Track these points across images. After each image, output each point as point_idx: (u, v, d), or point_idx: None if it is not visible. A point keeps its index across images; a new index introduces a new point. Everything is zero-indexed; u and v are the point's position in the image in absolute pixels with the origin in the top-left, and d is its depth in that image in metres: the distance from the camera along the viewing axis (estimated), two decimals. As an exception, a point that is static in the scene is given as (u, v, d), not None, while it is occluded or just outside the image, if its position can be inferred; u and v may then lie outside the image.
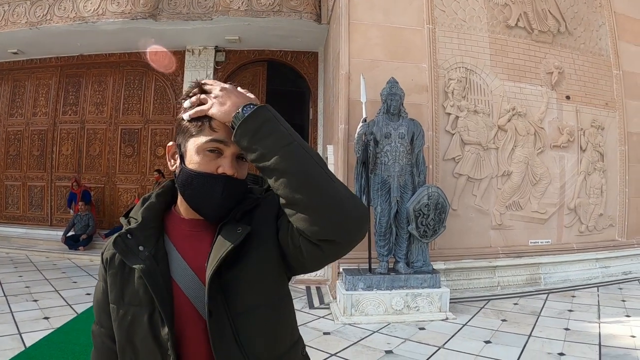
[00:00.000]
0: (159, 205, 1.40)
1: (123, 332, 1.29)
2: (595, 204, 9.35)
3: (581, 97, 9.29)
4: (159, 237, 1.35)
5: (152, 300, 1.25)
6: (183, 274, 1.30)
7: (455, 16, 8.38)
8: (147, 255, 1.29)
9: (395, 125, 6.71)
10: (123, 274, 1.31)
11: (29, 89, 13.60)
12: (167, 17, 10.68)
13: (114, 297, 1.32)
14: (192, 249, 1.34)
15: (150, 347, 1.25)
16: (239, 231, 1.28)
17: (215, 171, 1.28)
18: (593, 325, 6.30)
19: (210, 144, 1.28)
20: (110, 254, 1.36)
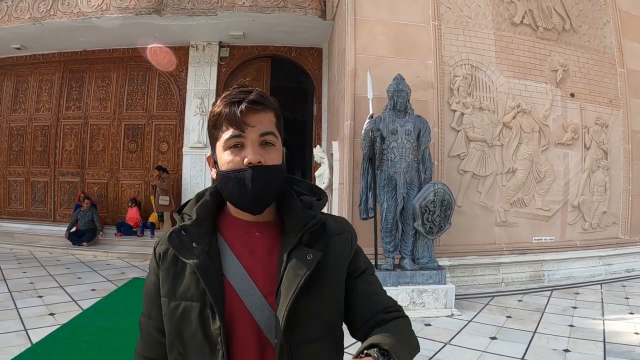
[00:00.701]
0: (213, 203, 1.42)
1: (173, 326, 1.32)
2: (599, 202, 9.35)
3: (585, 94, 9.29)
4: (212, 235, 1.37)
5: (203, 296, 1.28)
6: (235, 273, 1.33)
7: (461, 13, 8.38)
8: (200, 251, 1.31)
9: (401, 121, 6.71)
10: (175, 269, 1.35)
11: (32, 84, 13.59)
12: (171, 12, 10.67)
13: (165, 291, 1.35)
14: (244, 248, 1.37)
15: (199, 341, 1.28)
16: (310, 258, 1.31)
17: (242, 164, 1.30)
18: (597, 322, 6.31)
19: (229, 141, 1.31)
20: (163, 249, 1.39)
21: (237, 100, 1.31)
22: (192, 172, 12.24)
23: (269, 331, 1.28)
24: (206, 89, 12.32)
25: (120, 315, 6.44)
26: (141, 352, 1.46)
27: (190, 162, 12.30)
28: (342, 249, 1.41)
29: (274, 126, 1.35)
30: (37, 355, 4.96)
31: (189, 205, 1.45)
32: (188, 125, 12.34)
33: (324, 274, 1.33)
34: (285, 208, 1.40)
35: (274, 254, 1.35)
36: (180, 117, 12.63)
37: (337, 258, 1.38)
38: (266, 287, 1.31)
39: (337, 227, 1.44)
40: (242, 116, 1.29)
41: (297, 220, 1.36)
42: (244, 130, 1.30)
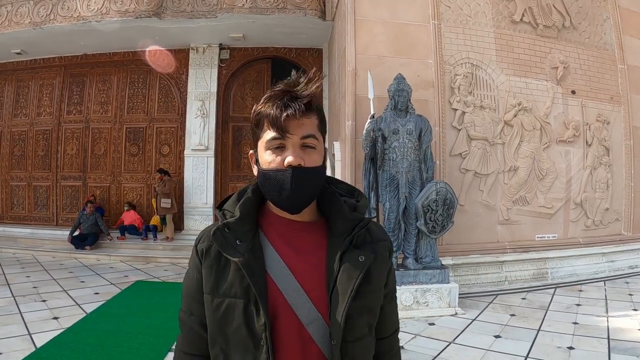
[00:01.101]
0: (254, 200, 1.44)
1: (216, 321, 1.35)
2: (601, 199, 9.35)
3: (586, 91, 9.29)
4: (255, 232, 1.39)
5: (247, 292, 1.31)
6: (278, 270, 1.35)
7: (461, 12, 8.38)
8: (245, 249, 1.33)
9: (403, 121, 6.72)
10: (219, 266, 1.36)
11: (33, 89, 13.61)
12: (171, 15, 10.68)
13: (209, 288, 1.37)
14: (286, 246, 1.39)
15: (243, 337, 1.31)
16: (362, 260, 1.35)
17: (283, 165, 1.32)
18: (601, 319, 6.31)
19: (271, 142, 1.33)
20: (206, 246, 1.40)
21: (282, 104, 1.31)
22: (194, 175, 12.23)
23: (310, 326, 1.32)
24: (207, 91, 12.33)
25: (124, 318, 6.44)
26: (182, 347, 1.48)
27: (192, 164, 12.29)
28: (384, 255, 1.45)
29: (316, 129, 1.37)
30: (41, 359, 4.96)
31: (229, 202, 1.46)
32: (189, 128, 12.34)
33: (371, 277, 1.38)
34: (330, 209, 1.43)
35: (317, 253, 1.39)
36: (181, 119, 12.64)
37: (381, 263, 1.43)
38: (308, 285, 1.34)
39: (380, 233, 1.49)
40: (285, 121, 1.30)
41: (345, 222, 1.39)
42: (285, 134, 1.31)
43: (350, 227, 1.38)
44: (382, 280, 1.43)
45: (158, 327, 6.01)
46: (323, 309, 1.33)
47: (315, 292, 1.34)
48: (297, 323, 1.32)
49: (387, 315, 1.49)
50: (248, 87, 12.79)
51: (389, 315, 1.52)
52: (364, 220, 1.41)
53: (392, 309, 1.54)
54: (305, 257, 1.38)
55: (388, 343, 1.53)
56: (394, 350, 1.56)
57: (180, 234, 12.16)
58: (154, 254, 11.13)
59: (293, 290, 1.33)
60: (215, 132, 12.36)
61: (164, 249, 11.42)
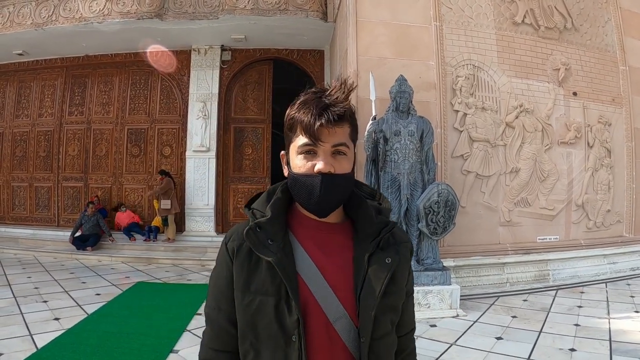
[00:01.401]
0: (284, 200, 1.47)
1: (247, 318, 1.39)
2: (603, 200, 9.34)
3: (588, 93, 9.29)
4: (285, 232, 1.43)
5: (279, 290, 1.35)
6: (307, 269, 1.39)
7: (462, 13, 8.38)
8: (276, 248, 1.37)
9: (404, 122, 6.73)
10: (250, 264, 1.40)
11: (35, 89, 13.60)
12: (173, 16, 10.69)
13: (240, 285, 1.40)
14: (315, 246, 1.43)
15: (274, 333, 1.35)
16: (388, 262, 1.41)
17: (313, 170, 1.35)
18: (603, 321, 6.31)
19: (303, 147, 1.37)
20: (237, 245, 1.44)
21: (316, 112, 1.33)
22: (196, 176, 12.21)
23: (336, 323, 1.37)
24: (208, 93, 12.30)
25: (125, 319, 6.44)
26: (208, 344, 1.50)
27: (194, 165, 12.27)
28: (406, 256, 1.50)
29: (347, 137, 1.39)
30: (42, 360, 4.97)
31: (259, 201, 1.50)
32: (191, 129, 12.33)
33: (396, 278, 1.44)
34: (356, 212, 1.48)
35: (344, 254, 1.43)
36: (183, 120, 12.62)
37: (404, 264, 1.48)
38: (336, 284, 1.39)
39: (402, 235, 1.54)
40: (318, 130, 1.33)
41: (371, 225, 1.44)
42: (318, 141, 1.34)
43: (377, 230, 1.43)
44: (404, 280, 1.49)
45: (159, 329, 6.02)
46: (350, 307, 1.38)
47: (342, 292, 1.38)
48: (325, 320, 1.36)
49: (405, 314, 1.54)
50: (250, 89, 12.76)
51: (407, 314, 1.56)
52: (390, 224, 1.46)
53: (410, 308, 1.59)
54: (333, 257, 1.42)
55: (404, 341, 1.57)
56: (409, 349, 1.61)
57: (182, 235, 12.15)
58: (156, 255, 11.13)
59: (322, 289, 1.37)
60: (217, 134, 12.33)
61: (166, 250, 11.41)
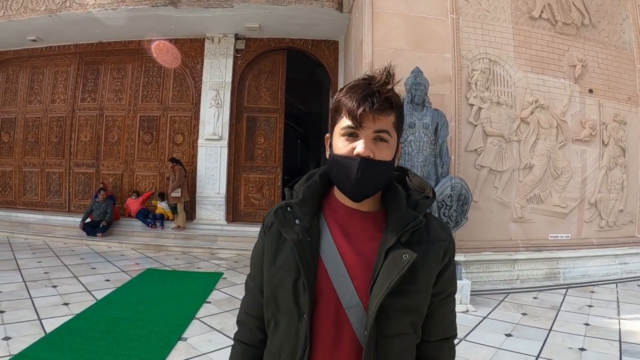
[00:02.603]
0: (321, 184, 1.51)
1: (270, 289, 1.46)
2: (616, 200, 9.27)
3: (604, 90, 9.20)
4: (316, 214, 1.47)
5: (298, 268, 1.39)
6: (329, 253, 1.42)
7: (479, 6, 8.30)
8: (300, 228, 1.42)
9: (419, 115, 6.69)
10: (278, 241, 1.46)
11: (48, 76, 13.69)
12: (187, 4, 10.68)
13: (268, 258, 1.48)
14: (341, 232, 1.45)
15: (290, 307, 1.41)
16: (405, 257, 1.36)
17: (352, 153, 1.36)
18: (613, 321, 6.27)
19: (345, 129, 1.37)
20: (270, 221, 1.51)
21: (362, 97, 1.34)
22: (207, 164, 12.25)
23: (349, 311, 1.38)
24: (222, 81, 12.31)
25: (134, 305, 6.46)
26: (244, 308, 1.61)
27: (206, 154, 12.31)
28: (437, 255, 1.45)
29: (391, 125, 1.39)
30: (51, 344, 4.98)
31: (299, 182, 1.55)
32: (203, 117, 12.35)
33: (418, 276, 1.39)
34: (389, 203, 1.46)
35: (371, 244, 1.43)
36: (195, 109, 12.64)
37: (432, 263, 1.43)
38: (354, 272, 1.39)
39: (441, 232, 1.49)
40: (361, 115, 1.33)
41: (399, 219, 1.41)
42: (360, 125, 1.35)
43: (404, 224, 1.40)
44: (430, 280, 1.44)
45: (168, 316, 6.02)
46: (364, 297, 1.37)
47: (360, 281, 1.38)
48: (338, 305, 1.38)
49: (435, 317, 1.49)
50: (263, 78, 12.75)
51: (437, 319, 1.50)
52: (417, 219, 1.42)
53: (445, 312, 1.53)
54: (358, 246, 1.42)
55: (435, 349, 1.52)
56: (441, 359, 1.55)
57: (192, 223, 12.20)
58: (165, 243, 11.17)
59: (339, 274, 1.39)
60: (229, 122, 12.35)
61: (176, 238, 11.45)
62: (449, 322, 1.55)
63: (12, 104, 13.96)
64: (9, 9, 11.72)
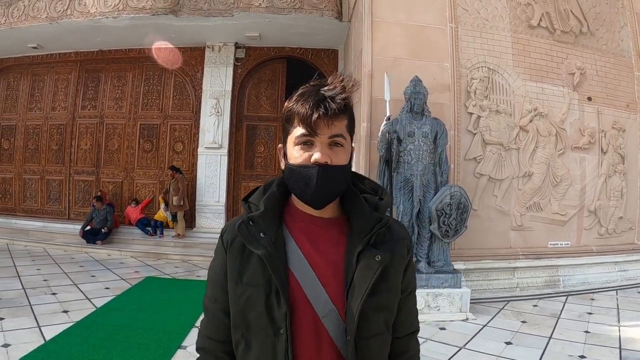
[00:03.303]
0: (279, 195, 1.48)
1: (239, 309, 1.40)
2: (615, 207, 9.27)
3: (603, 98, 9.22)
4: (278, 226, 1.44)
5: (269, 283, 1.36)
6: (298, 263, 1.40)
7: (478, 15, 8.34)
8: (267, 241, 1.38)
9: (418, 124, 6.71)
10: (242, 257, 1.42)
11: (48, 83, 13.70)
12: (187, 13, 10.72)
13: (233, 277, 1.43)
14: (307, 241, 1.43)
15: (264, 325, 1.36)
16: (378, 259, 1.38)
17: (309, 161, 1.35)
18: (613, 328, 6.27)
19: (300, 138, 1.37)
20: (231, 237, 1.45)
21: (313, 103, 1.34)
22: (207, 173, 12.26)
23: (325, 319, 1.37)
24: (222, 90, 12.34)
25: (134, 313, 6.47)
26: (205, 332, 1.53)
27: (205, 162, 12.33)
28: (402, 253, 1.48)
29: (345, 128, 1.40)
30: (50, 352, 5.00)
31: (255, 195, 1.51)
32: (203, 126, 12.36)
33: (388, 275, 1.42)
34: (350, 207, 1.46)
35: (337, 249, 1.43)
36: (195, 117, 12.67)
37: (399, 261, 1.46)
38: (326, 279, 1.39)
39: (401, 231, 1.52)
40: (315, 122, 1.33)
41: (364, 221, 1.42)
42: (315, 132, 1.34)
43: (370, 226, 1.40)
44: (398, 277, 1.47)
45: (168, 324, 6.03)
46: (339, 303, 1.37)
47: (332, 287, 1.38)
48: (314, 315, 1.36)
49: (402, 314, 1.51)
50: (263, 87, 12.79)
51: (405, 314, 1.54)
52: (383, 220, 1.43)
53: (409, 308, 1.56)
54: (325, 253, 1.41)
55: (404, 343, 1.55)
56: (409, 353, 1.57)
57: (192, 231, 12.20)
58: (165, 251, 11.17)
59: (311, 284, 1.37)
60: (229, 131, 12.36)
61: (175, 246, 11.45)
62: (414, 317, 1.59)
63: (13, 111, 13.96)
64: (10, 17, 11.76)
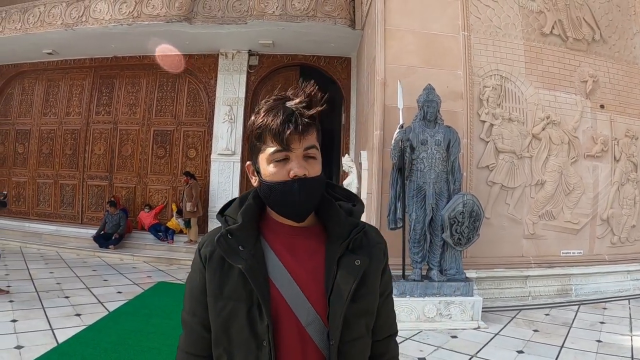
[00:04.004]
0: (256, 207, 1.48)
1: (220, 323, 1.40)
2: (628, 215, 9.22)
3: (615, 106, 9.18)
4: (257, 238, 1.43)
5: (250, 296, 1.36)
6: (279, 274, 1.40)
7: (490, 23, 8.34)
8: (247, 254, 1.38)
9: (431, 132, 6.72)
10: (222, 270, 1.41)
11: (63, 89, 13.85)
12: (201, 20, 10.79)
13: (213, 291, 1.42)
14: (286, 251, 1.43)
15: (246, 338, 1.36)
16: (358, 264, 1.41)
17: (288, 176, 1.36)
18: (625, 338, 6.24)
19: (275, 155, 1.37)
20: (209, 251, 1.44)
21: (285, 119, 1.34)
22: (220, 179, 12.31)
23: (309, 327, 1.38)
24: (235, 97, 12.39)
25: (146, 318, 6.53)
26: (184, 348, 1.53)
27: (218, 168, 12.38)
28: (379, 257, 1.50)
29: (315, 140, 1.40)
30: (62, 354, 5.07)
31: (231, 207, 1.51)
32: (217, 132, 12.42)
33: (367, 280, 1.43)
34: (326, 215, 1.47)
35: (315, 257, 1.43)
36: (209, 124, 12.74)
37: (377, 266, 1.48)
38: (307, 288, 1.39)
39: (377, 236, 1.53)
40: (289, 137, 1.34)
41: (341, 227, 1.43)
42: (289, 148, 1.35)
43: (347, 232, 1.43)
44: (377, 281, 1.49)
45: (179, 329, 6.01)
46: (321, 311, 1.38)
47: (314, 295, 1.39)
48: (297, 324, 1.37)
49: (381, 317, 1.53)
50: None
51: (384, 317, 1.55)
52: (359, 225, 1.46)
53: (387, 311, 1.58)
54: (305, 262, 1.42)
55: (384, 346, 1.57)
56: (388, 355, 1.59)
57: (204, 237, 12.19)
58: (177, 256, 11.21)
59: (293, 294, 1.38)
60: (242, 138, 12.36)
61: (187, 252, 11.46)
62: (392, 320, 1.61)
63: (28, 116, 14.13)
64: (26, 22, 11.91)
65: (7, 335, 5.52)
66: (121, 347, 5.33)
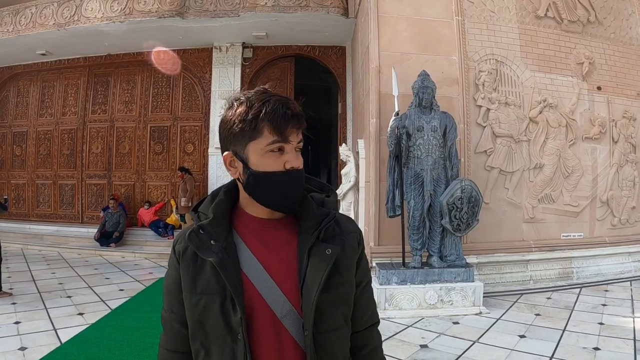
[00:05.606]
0: (227, 202, 1.49)
1: (195, 318, 1.40)
2: (628, 197, 9.21)
3: (612, 87, 9.15)
4: (228, 232, 1.45)
5: (223, 290, 1.37)
6: (251, 266, 1.41)
7: (484, 7, 8.30)
8: (219, 248, 1.39)
9: (427, 118, 6.69)
10: (195, 265, 1.42)
11: (58, 89, 13.80)
12: (194, 14, 10.74)
13: (187, 286, 1.42)
14: (258, 243, 1.45)
15: (221, 332, 1.37)
16: (329, 253, 1.41)
17: (284, 167, 1.38)
18: (627, 320, 6.24)
19: (272, 145, 1.37)
20: (182, 247, 1.46)
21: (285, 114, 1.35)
22: (218, 173, 12.25)
23: (285, 319, 1.39)
24: (231, 90, 12.23)
25: (149, 314, 6.50)
26: (165, 345, 1.53)
27: (216, 162, 12.32)
28: (353, 247, 1.50)
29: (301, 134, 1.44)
30: (66, 354, 5.05)
31: (204, 204, 1.52)
32: (213, 127, 12.33)
33: (341, 269, 1.44)
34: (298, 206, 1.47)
35: (288, 248, 1.45)
36: (205, 118, 12.71)
37: (350, 255, 1.49)
38: (280, 279, 1.40)
39: (350, 225, 1.55)
40: (289, 129, 1.36)
41: (312, 218, 1.45)
42: (288, 140, 1.37)
43: (318, 222, 1.44)
44: (351, 271, 1.49)
45: (183, 324, 6.04)
46: (296, 302, 1.39)
47: (288, 286, 1.40)
48: (273, 317, 1.38)
49: (359, 307, 1.54)
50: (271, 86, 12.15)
51: (362, 308, 1.56)
52: (330, 215, 1.46)
53: (366, 301, 1.58)
54: (277, 253, 1.44)
55: (364, 337, 1.57)
56: (370, 346, 1.58)
57: (203, 232, 12.19)
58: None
59: (267, 286, 1.39)
60: (239, 131, 12.30)
61: (187, 247, 11.45)
62: (372, 309, 1.61)
63: (24, 118, 14.09)
64: (18, 24, 11.85)
65: (10, 337, 5.51)
66: (125, 345, 5.33)
